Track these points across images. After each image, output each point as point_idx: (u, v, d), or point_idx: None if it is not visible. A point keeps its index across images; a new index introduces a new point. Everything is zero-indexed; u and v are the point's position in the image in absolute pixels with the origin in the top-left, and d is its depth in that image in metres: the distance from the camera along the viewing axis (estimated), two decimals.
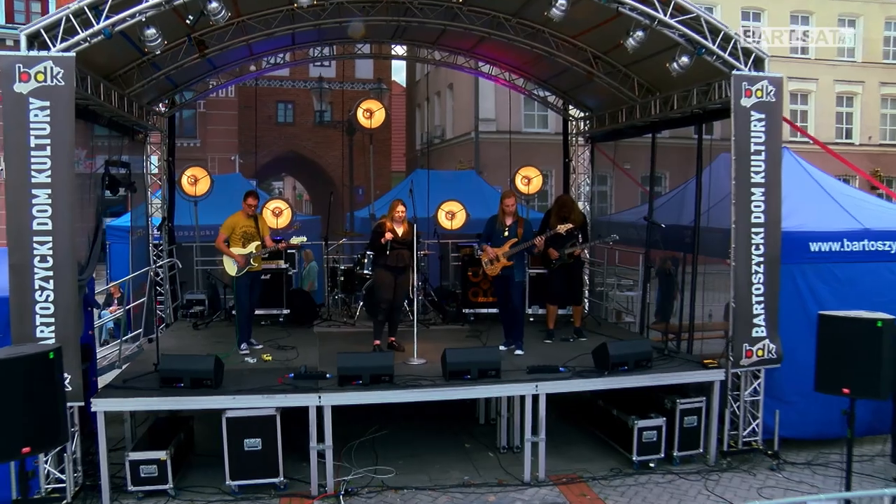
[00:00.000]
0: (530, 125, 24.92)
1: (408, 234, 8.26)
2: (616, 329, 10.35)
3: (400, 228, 8.34)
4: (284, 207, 11.90)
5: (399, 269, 8.33)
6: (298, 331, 9.85)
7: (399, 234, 8.32)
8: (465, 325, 10.20)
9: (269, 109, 29.04)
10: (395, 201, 8.52)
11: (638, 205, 23.26)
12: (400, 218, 8.32)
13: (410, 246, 8.23)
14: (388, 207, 8.61)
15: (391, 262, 8.27)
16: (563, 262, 9.03)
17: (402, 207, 8.35)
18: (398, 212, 8.31)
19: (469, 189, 15.86)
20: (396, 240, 8.28)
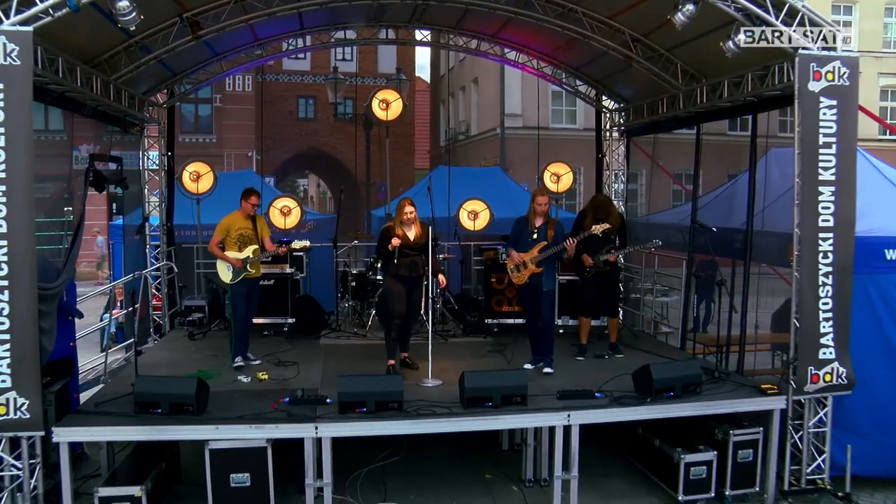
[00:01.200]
0: (558, 120, 23.90)
1: (421, 238, 7.27)
2: (655, 343, 9.28)
3: (411, 232, 7.35)
4: (293, 206, 11.03)
5: (412, 280, 7.33)
6: (303, 342, 8.94)
7: (410, 238, 7.33)
8: (488, 338, 9.21)
9: (290, 105, 28.33)
10: (402, 201, 7.51)
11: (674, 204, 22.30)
12: (409, 220, 7.31)
13: (425, 251, 7.23)
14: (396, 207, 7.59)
15: (403, 271, 7.29)
16: (598, 269, 8.01)
17: (410, 208, 7.33)
18: (406, 213, 7.30)
19: (494, 187, 14.92)
20: (407, 245, 7.28)
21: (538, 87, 16.84)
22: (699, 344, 9.16)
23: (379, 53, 28.63)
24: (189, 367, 7.60)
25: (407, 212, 7.29)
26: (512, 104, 23.47)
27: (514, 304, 9.46)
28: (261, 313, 8.97)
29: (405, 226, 7.33)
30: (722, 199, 9.21)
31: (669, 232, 9.57)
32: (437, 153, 31.80)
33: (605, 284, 8.15)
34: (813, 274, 6.47)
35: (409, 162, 30.06)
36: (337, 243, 9.73)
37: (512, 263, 7.61)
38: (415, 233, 7.32)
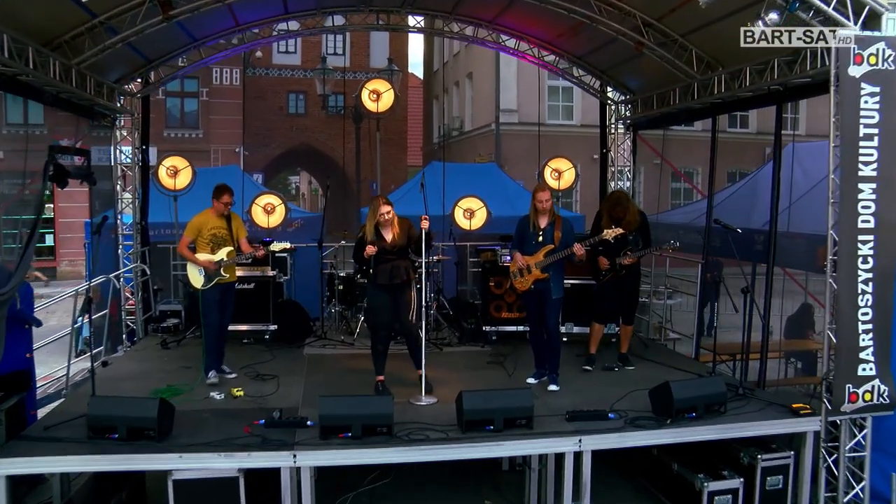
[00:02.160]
0: (554, 116, 23.19)
1: (399, 239, 6.43)
2: (667, 353, 8.57)
3: (388, 234, 6.51)
4: (277, 203, 10.24)
5: (396, 287, 6.49)
6: (286, 352, 8.18)
7: (387, 241, 6.49)
8: (486, 347, 8.48)
9: (280, 100, 27.56)
10: (375, 199, 6.60)
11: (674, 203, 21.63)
12: (386, 221, 6.44)
13: (407, 253, 6.41)
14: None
15: (383, 278, 6.45)
16: (615, 272, 7.29)
17: (386, 207, 6.44)
18: (381, 214, 6.40)
19: (490, 184, 14.11)
20: (385, 249, 6.45)
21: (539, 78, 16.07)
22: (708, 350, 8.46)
23: (371, 47, 27.88)
24: (158, 381, 6.85)
25: (383, 212, 6.42)
26: (507, 99, 22.75)
27: (514, 310, 8.74)
28: (241, 319, 8.24)
29: (382, 228, 6.50)
30: (738, 198, 8.58)
31: (681, 232, 8.98)
32: (431, 150, 31.06)
33: (622, 289, 7.43)
34: (851, 281, 5.76)
35: (402, 159, 29.36)
36: (323, 244, 8.95)
37: (515, 267, 6.88)
38: (392, 234, 6.48)
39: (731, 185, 9.49)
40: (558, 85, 22.82)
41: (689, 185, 14.43)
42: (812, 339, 9.29)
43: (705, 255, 8.03)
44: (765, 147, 23.40)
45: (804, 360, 9.35)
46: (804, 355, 9.29)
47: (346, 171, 23.25)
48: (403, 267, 6.45)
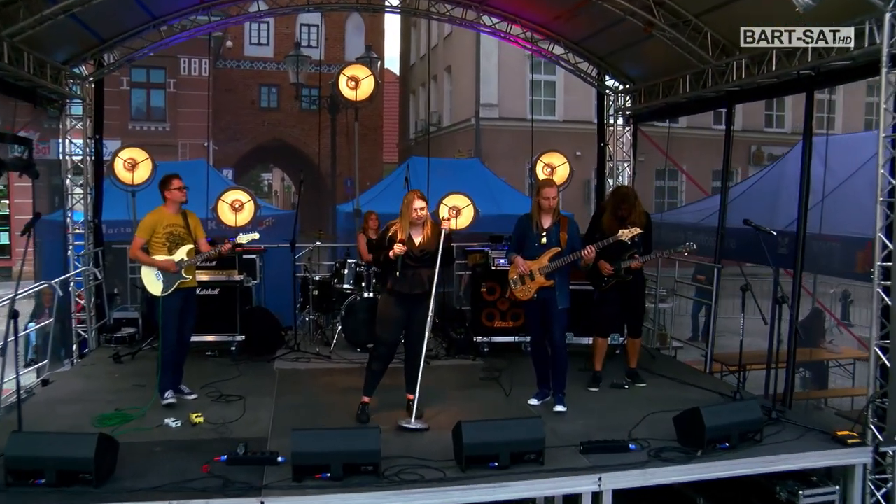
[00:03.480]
0: (536, 112, 22.24)
1: (428, 244, 5.50)
2: (677, 366, 7.79)
3: (418, 236, 5.59)
4: (246, 199, 9.28)
5: (414, 298, 5.54)
6: (254, 367, 7.27)
7: (416, 243, 5.57)
8: (478, 360, 7.66)
9: (252, 93, 26.50)
10: (410, 194, 5.62)
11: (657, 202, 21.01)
12: (419, 219, 5.51)
13: (434, 261, 5.47)
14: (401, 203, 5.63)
15: (403, 286, 5.51)
16: (619, 279, 6.48)
17: (421, 203, 5.50)
18: (416, 210, 5.47)
19: (473, 180, 13.23)
20: (411, 254, 5.52)
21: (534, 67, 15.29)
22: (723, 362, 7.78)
23: (346, 40, 26.96)
24: (105, 404, 5.88)
25: (417, 208, 5.47)
26: (488, 93, 22.00)
27: (507, 319, 7.92)
28: (204, 329, 7.29)
29: (413, 228, 5.56)
30: (751, 197, 7.82)
31: (689, 232, 8.23)
32: (407, 146, 30.22)
33: (626, 297, 6.64)
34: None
35: (377, 155, 28.46)
36: (296, 244, 8.03)
37: (515, 273, 6.03)
38: (423, 236, 5.56)
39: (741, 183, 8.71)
40: (540, 79, 22.15)
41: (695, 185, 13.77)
42: (825, 349, 8.60)
43: (718, 258, 7.25)
44: (750, 145, 23.08)
45: (814, 371, 8.68)
46: (814, 365, 8.62)
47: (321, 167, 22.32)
48: (427, 276, 5.50)
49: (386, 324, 5.60)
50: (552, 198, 5.94)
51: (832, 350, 8.42)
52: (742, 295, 5.82)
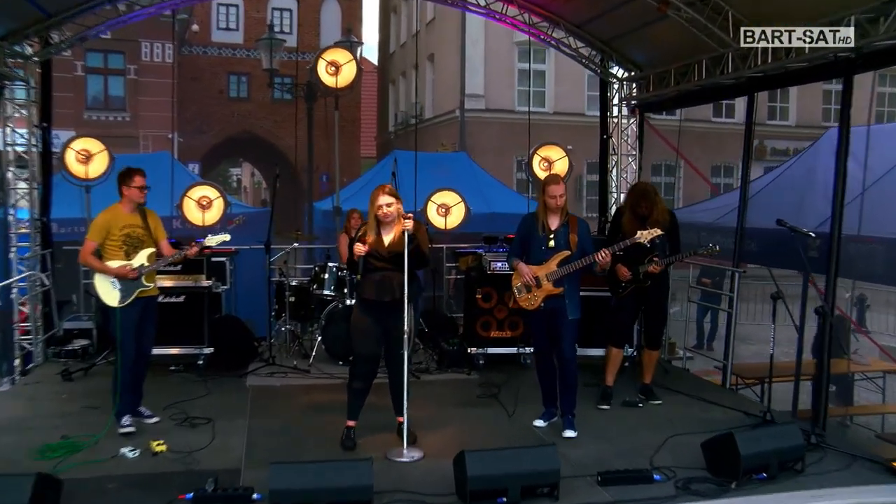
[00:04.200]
0: (524, 103, 22.02)
1: (401, 245, 5.09)
2: (692, 380, 7.45)
3: (389, 235, 5.20)
4: (215, 196, 8.77)
5: (385, 307, 5.13)
6: (224, 383, 6.79)
7: (385, 243, 5.19)
8: (473, 374, 7.27)
9: (220, 82, 25.95)
10: (376, 189, 5.30)
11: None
12: (386, 217, 5.13)
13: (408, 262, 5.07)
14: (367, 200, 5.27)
15: (370, 292, 5.14)
16: (638, 284, 6.14)
17: (387, 198, 5.13)
18: (379, 207, 5.12)
19: (461, 175, 13.01)
20: (378, 254, 5.15)
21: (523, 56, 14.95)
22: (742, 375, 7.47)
23: (322, 26, 26.47)
24: (49, 432, 5.36)
25: (382, 204, 5.10)
26: (474, 84, 21.72)
27: (505, 328, 7.55)
28: (168, 342, 6.83)
29: (384, 227, 5.17)
30: (770, 194, 7.45)
31: (703, 233, 7.86)
32: (386, 139, 29.91)
33: (646, 305, 6.30)
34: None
35: (355, 149, 28.04)
36: (271, 246, 7.56)
37: (519, 280, 5.63)
38: (393, 235, 5.16)
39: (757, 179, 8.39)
40: (529, 68, 21.82)
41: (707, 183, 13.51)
42: (850, 360, 8.29)
43: (737, 261, 6.89)
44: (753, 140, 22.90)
45: (838, 385, 8.38)
46: (838, 379, 8.30)
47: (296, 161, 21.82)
48: (397, 282, 5.08)
49: (360, 336, 5.20)
50: (559, 196, 5.53)
51: (858, 362, 8.11)
52: (773, 303, 5.45)
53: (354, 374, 5.22)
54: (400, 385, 5.18)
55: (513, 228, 11.34)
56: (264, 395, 6.50)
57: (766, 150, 22.43)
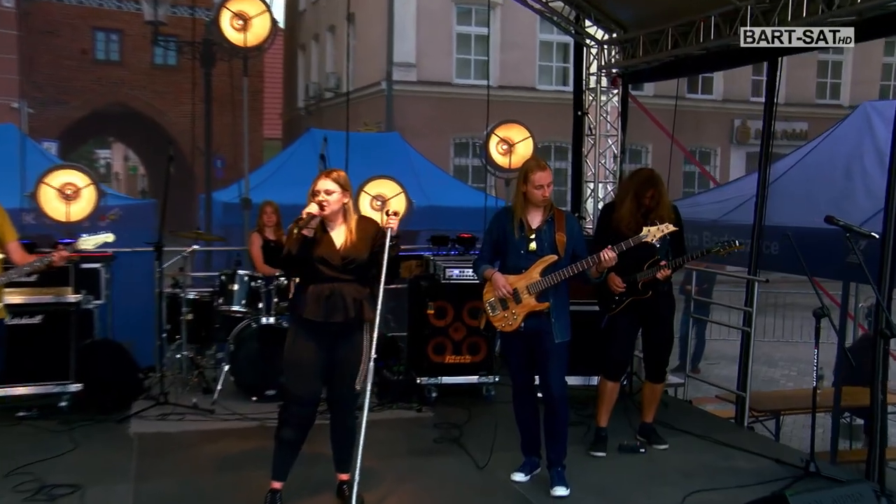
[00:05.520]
0: (464, 74, 22.05)
1: (354, 247, 4.60)
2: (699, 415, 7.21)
3: (340, 236, 4.67)
4: (84, 183, 8.18)
5: (335, 330, 4.62)
6: (98, 432, 6.11)
7: (336, 246, 4.65)
8: (424, 410, 6.85)
9: (83, 39, 24.85)
10: (322, 174, 4.72)
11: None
12: (325, 206, 4.55)
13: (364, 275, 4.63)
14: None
15: (312, 310, 4.58)
16: (635, 297, 5.79)
17: (328, 184, 4.57)
18: (315, 194, 4.58)
19: (395, 161, 12.77)
20: (326, 260, 4.60)
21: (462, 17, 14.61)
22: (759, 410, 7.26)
23: None
24: None
25: (319, 190, 4.55)
26: (404, 51, 21.47)
27: (463, 352, 7.15)
28: (16, 378, 6.14)
29: (329, 223, 4.66)
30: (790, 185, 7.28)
31: (706, 233, 7.61)
32: (294, 116, 29.47)
33: (645, 323, 5.96)
34: None
35: (257, 129, 27.27)
36: (162, 248, 6.96)
37: (492, 294, 5.18)
38: (346, 238, 4.65)
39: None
40: (469, 32, 21.83)
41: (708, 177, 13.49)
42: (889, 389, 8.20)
43: (754, 268, 6.63)
44: (733, 119, 23.34)
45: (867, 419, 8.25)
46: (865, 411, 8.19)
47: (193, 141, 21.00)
48: (352, 297, 4.57)
49: (296, 371, 4.67)
50: (546, 185, 5.10)
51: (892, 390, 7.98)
52: (816, 322, 5.16)
53: (286, 421, 4.67)
54: (345, 433, 4.73)
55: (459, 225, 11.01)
56: (154, 446, 5.86)
57: (750, 133, 22.85)
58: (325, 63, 26.35)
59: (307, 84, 27.80)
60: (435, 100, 20.99)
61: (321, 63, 26.60)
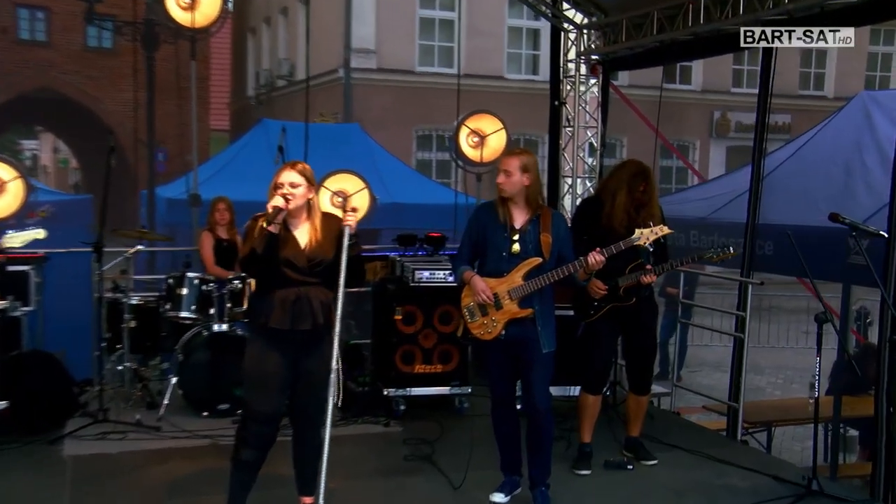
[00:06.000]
0: (428, 62, 22.01)
1: (324, 249, 4.50)
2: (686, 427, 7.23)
3: (304, 235, 4.56)
4: (9, 177, 8.05)
5: (301, 339, 4.51)
6: (26, 456, 5.92)
7: (300, 245, 4.53)
8: (391, 424, 6.78)
9: (4, 17, 24.64)
10: (287, 165, 4.61)
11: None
12: (290, 198, 4.43)
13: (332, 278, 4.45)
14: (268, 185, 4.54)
15: (277, 318, 4.47)
16: (617, 303, 5.74)
17: (292, 176, 4.45)
18: (279, 187, 4.45)
19: (357, 154, 12.77)
20: (290, 262, 4.49)
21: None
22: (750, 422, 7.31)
23: None
24: None
25: (283, 182, 4.44)
26: (363, 36, 21.36)
27: (434, 361, 7.09)
28: None
29: (292, 220, 4.54)
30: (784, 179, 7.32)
31: (693, 232, 7.62)
32: (243, 106, 29.37)
33: (628, 332, 5.93)
34: None
35: (202, 119, 26.92)
36: (102, 248, 6.77)
37: (471, 299, 5.09)
38: (311, 238, 4.54)
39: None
40: (433, 16, 21.80)
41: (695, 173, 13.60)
42: None
43: (746, 270, 6.63)
44: (712, 111, 23.57)
45: (865, 431, 8.36)
46: (864, 423, 8.28)
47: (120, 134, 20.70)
48: (319, 302, 4.46)
49: (258, 385, 4.54)
50: (509, 171, 5.00)
51: None
52: (818, 328, 5.14)
53: (245, 441, 4.54)
54: (310, 453, 4.58)
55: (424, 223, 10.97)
56: (92, 470, 5.69)
57: (730, 125, 23.08)
58: (277, 48, 26.16)
59: (258, 71, 27.62)
60: (396, 89, 20.90)
61: (273, 48, 26.40)
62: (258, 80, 27.14)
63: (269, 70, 26.01)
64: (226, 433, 6.02)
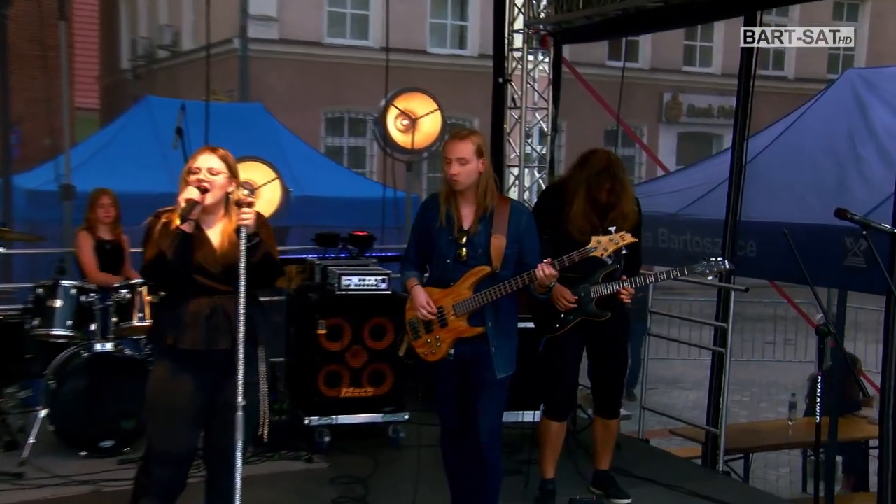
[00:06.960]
0: (338, 33, 21.96)
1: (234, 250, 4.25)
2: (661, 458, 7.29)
3: (216, 233, 4.36)
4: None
5: (217, 359, 4.29)
6: None
7: (215, 246, 4.32)
8: (314, 459, 6.69)
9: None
10: (206, 148, 4.43)
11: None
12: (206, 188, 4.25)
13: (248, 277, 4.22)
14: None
15: (188, 336, 4.26)
16: (587, 315, 5.63)
17: (210, 160, 4.28)
18: (195, 171, 4.26)
19: (261, 139, 12.43)
20: (202, 267, 4.28)
21: None
22: None
23: None
24: None
25: (200, 167, 4.24)
26: (262, 1, 21.23)
27: (364, 383, 6.99)
28: None
29: (206, 218, 4.34)
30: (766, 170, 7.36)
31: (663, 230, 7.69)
32: (117, 81, 28.96)
33: (596, 349, 5.88)
34: None
35: (69, 95, 26.23)
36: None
37: (415, 314, 4.97)
38: (225, 237, 4.33)
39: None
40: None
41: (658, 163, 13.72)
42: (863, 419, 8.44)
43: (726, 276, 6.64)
44: (662, 93, 23.97)
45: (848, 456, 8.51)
46: (847, 448, 8.41)
47: None
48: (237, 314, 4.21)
49: (165, 419, 4.34)
50: (457, 159, 4.84)
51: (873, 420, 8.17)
52: (819, 341, 5.12)
53: (147, 489, 4.38)
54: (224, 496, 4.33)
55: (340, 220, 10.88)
56: None
57: (682, 108, 23.47)
58: (157, 14, 25.84)
59: (133, 39, 27.16)
60: (301, 63, 20.81)
61: (152, 14, 26.05)
62: (134, 50, 26.70)
63: (149, 39, 25.65)
64: (112, 477, 5.82)
